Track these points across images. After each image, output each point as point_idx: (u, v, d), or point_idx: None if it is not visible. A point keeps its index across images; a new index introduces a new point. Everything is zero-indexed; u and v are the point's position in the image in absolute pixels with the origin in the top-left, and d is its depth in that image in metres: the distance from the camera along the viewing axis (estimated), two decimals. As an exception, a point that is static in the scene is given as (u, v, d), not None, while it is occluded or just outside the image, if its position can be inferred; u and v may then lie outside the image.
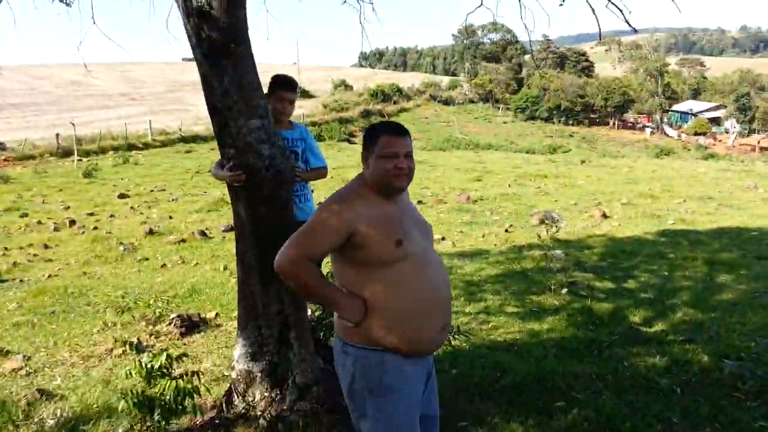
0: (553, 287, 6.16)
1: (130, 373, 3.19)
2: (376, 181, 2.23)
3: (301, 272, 2.13)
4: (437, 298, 2.25)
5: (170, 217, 12.05)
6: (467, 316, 5.54)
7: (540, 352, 4.52)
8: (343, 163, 22.59)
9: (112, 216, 12.42)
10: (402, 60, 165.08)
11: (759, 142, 51.75)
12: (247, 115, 3.05)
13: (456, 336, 4.28)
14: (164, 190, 16.59)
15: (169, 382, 3.13)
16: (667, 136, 58.37)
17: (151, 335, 5.13)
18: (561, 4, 4.70)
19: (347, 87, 62.36)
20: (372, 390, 2.16)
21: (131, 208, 13.44)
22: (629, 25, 4.47)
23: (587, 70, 73.51)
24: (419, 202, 13.31)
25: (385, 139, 2.23)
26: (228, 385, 3.51)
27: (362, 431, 2.24)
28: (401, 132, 2.27)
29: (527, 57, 78.76)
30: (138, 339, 4.89)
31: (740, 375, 3.94)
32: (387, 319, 2.14)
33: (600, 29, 4.69)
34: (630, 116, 65.66)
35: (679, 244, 8.80)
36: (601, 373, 4.07)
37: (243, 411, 3.25)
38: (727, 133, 58.45)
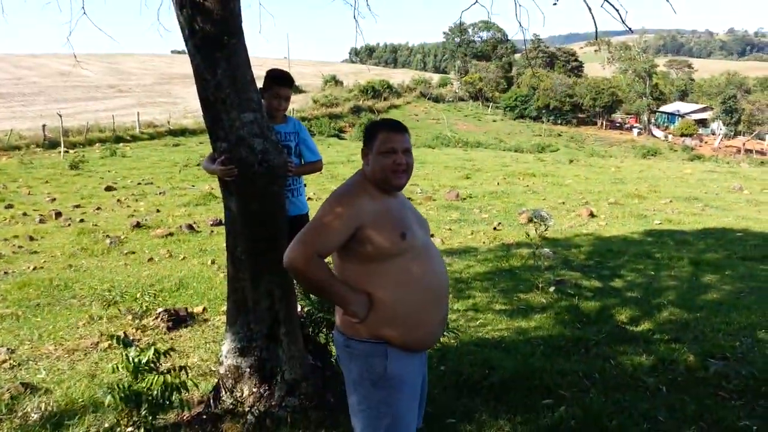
0: (540, 285, 6.19)
1: (117, 368, 3.16)
2: (375, 176, 2.27)
3: (313, 269, 2.14)
4: (438, 291, 2.31)
5: (158, 211, 11.95)
6: (456, 313, 5.55)
7: (527, 349, 4.54)
8: (333, 158, 22.54)
9: (98, 209, 12.29)
10: (392, 56, 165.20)
11: (744, 144, 52.33)
12: (240, 109, 3.02)
13: (445, 333, 4.29)
14: (152, 183, 16.45)
15: (156, 376, 3.10)
16: (654, 136, 58.83)
17: (137, 329, 5.09)
18: (555, 4, 4.72)
19: (337, 82, 62.22)
20: (376, 382, 2.21)
21: (118, 200, 13.31)
22: (625, 25, 4.50)
23: (576, 70, 73.95)
24: (409, 199, 13.26)
25: (383, 136, 2.27)
26: (216, 380, 3.49)
27: (362, 423, 2.27)
28: (400, 128, 2.31)
29: (517, 56, 79.10)
30: (124, 333, 4.84)
31: (725, 374, 3.99)
32: (391, 313, 2.19)
33: (597, 28, 4.71)
34: (618, 116, 66.12)
35: (665, 244, 8.88)
36: (588, 371, 4.10)
37: (231, 406, 3.24)
38: (713, 134, 59.03)
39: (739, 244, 8.92)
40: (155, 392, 3.07)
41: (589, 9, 4.56)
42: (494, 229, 10.41)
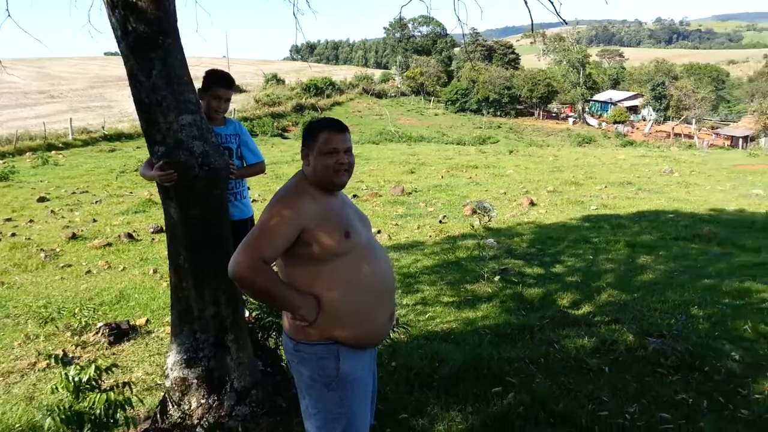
0: (486, 275, 6.32)
1: (57, 388, 3.03)
2: (317, 177, 2.25)
3: (259, 277, 2.10)
4: (385, 287, 2.32)
5: (94, 220, 11.49)
6: (405, 308, 5.60)
7: (476, 339, 4.63)
8: (276, 158, 22.24)
9: (31, 221, 11.70)
10: (334, 53, 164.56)
11: (673, 129, 54.86)
12: (178, 111, 2.94)
13: (395, 329, 4.33)
14: (87, 191, 15.78)
15: (98, 395, 2.99)
16: (589, 125, 60.82)
17: (77, 346, 4.89)
18: None
19: (279, 81, 61.40)
20: (329, 383, 2.21)
21: (52, 212, 12.71)
22: (560, 17, 4.65)
23: (514, 62, 75.41)
24: (354, 196, 13.31)
25: (325, 136, 2.25)
26: (162, 394, 3.39)
27: (316, 426, 2.26)
28: (341, 128, 2.30)
29: (457, 50, 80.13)
30: (63, 351, 4.65)
31: (663, 351, 4.18)
32: (340, 313, 2.18)
33: (532, 20, 4.86)
34: (554, 106, 68.02)
35: (602, 229, 9.23)
36: (533, 357, 4.22)
37: (179, 420, 3.16)
38: (644, 120, 61.52)
39: (671, 225, 9.37)
40: (98, 411, 2.95)
41: (525, 2, 4.70)
42: (440, 222, 10.54)
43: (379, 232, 9.68)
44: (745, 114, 58.64)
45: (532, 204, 12.06)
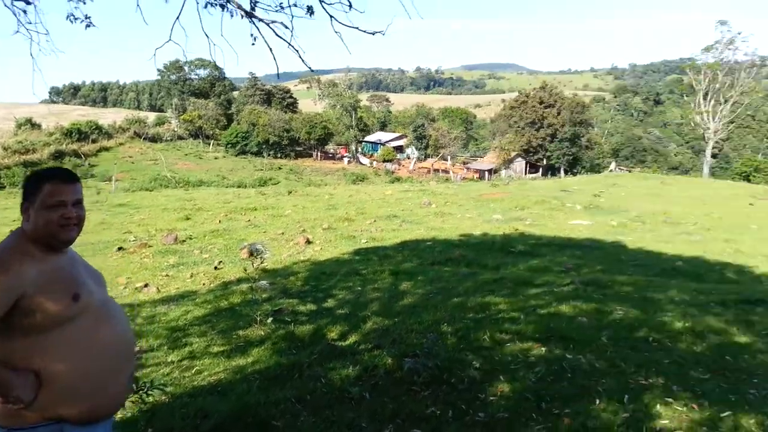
0: (259, 318, 6.23)
1: None
2: (38, 233, 2.01)
3: None
4: (122, 352, 2.13)
5: None
6: (169, 366, 5.24)
7: (244, 386, 4.51)
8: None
9: None
10: (102, 95, 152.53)
11: (432, 165, 61.27)
12: None
13: (150, 392, 4.02)
14: None
15: None
16: (362, 164, 64.89)
17: None
18: (253, 44, 4.96)
19: (35, 126, 54.96)
20: None
21: None
22: (305, 64, 4.93)
23: (292, 106, 77.41)
24: (120, 248, 12.24)
25: (50, 188, 2.04)
26: None
27: None
28: (71, 178, 2.10)
29: (236, 93, 79.87)
30: None
31: (416, 370, 4.50)
32: (68, 387, 1.94)
33: (278, 69, 5.08)
34: (330, 148, 71.36)
35: (370, 260, 9.81)
36: (300, 395, 4.23)
37: None
38: (408, 158, 67.71)
39: (429, 252, 10.34)
40: None
41: (270, 50, 4.93)
42: (215, 268, 10.20)
43: (146, 285, 9.01)
44: (489, 150, 68.19)
45: (308, 242, 12.34)
